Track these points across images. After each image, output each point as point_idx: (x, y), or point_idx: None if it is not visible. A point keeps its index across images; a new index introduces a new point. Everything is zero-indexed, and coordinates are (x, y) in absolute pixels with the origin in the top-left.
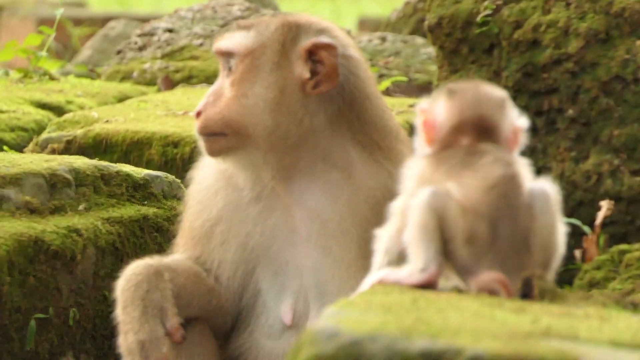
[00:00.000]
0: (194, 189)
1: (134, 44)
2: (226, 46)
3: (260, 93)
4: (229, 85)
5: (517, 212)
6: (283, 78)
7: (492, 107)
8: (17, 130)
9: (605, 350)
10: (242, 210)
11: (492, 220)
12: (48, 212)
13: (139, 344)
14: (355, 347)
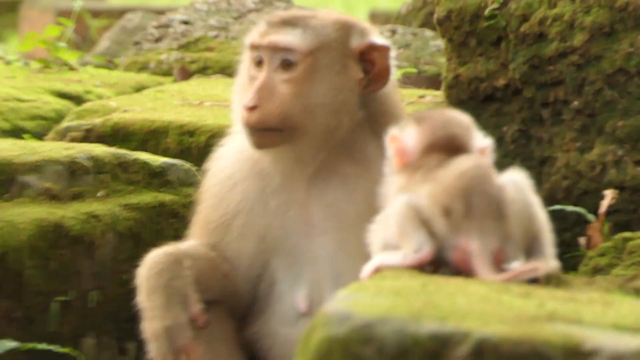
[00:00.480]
0: (211, 180)
1: (151, 36)
2: (286, 42)
3: (323, 93)
4: (285, 82)
5: (489, 187)
6: (343, 79)
7: (461, 128)
8: (38, 119)
9: (609, 334)
10: (262, 203)
11: (465, 197)
12: (68, 198)
13: (165, 330)
14: (367, 329)
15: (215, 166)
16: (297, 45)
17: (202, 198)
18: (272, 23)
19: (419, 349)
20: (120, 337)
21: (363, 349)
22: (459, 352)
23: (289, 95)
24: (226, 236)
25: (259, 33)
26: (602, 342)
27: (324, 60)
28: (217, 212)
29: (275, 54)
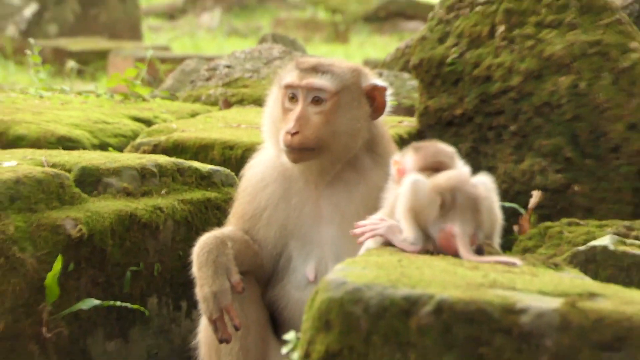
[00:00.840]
0: (246, 182)
1: (203, 76)
2: (320, 85)
3: (345, 122)
4: (317, 114)
5: (468, 187)
6: (358, 111)
7: (447, 157)
8: (119, 136)
9: (535, 297)
10: (285, 200)
11: (452, 192)
12: (139, 194)
13: (213, 294)
14: (357, 292)
15: (249, 172)
16: (328, 87)
17: (239, 196)
18: (306, 69)
19: (395, 308)
20: (175, 298)
21: (354, 307)
22: (425, 310)
23: (321, 123)
24: (257, 224)
25: (296, 76)
26: (530, 303)
27: (345, 97)
28: (251, 206)
29: (309, 92)
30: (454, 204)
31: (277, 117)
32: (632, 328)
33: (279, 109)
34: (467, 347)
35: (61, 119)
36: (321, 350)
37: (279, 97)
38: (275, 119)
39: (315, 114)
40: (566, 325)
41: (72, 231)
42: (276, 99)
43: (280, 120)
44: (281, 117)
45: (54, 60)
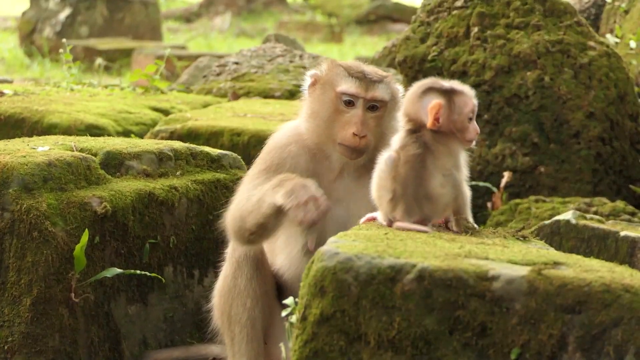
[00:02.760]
0: (273, 146)
1: (214, 72)
2: (380, 97)
3: (392, 126)
4: (372, 119)
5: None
6: (397, 113)
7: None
8: (140, 124)
9: (506, 265)
10: (306, 174)
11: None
12: (157, 176)
13: (302, 185)
14: (348, 262)
15: (278, 140)
16: (386, 98)
17: (265, 155)
18: (365, 79)
19: (381, 275)
20: (189, 267)
21: (345, 275)
22: (408, 277)
23: (375, 127)
24: (273, 176)
25: (358, 86)
26: (501, 271)
27: (392, 104)
28: (274, 163)
29: (369, 102)
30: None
31: (328, 116)
32: (591, 293)
33: (329, 109)
34: (445, 310)
35: (89, 109)
36: (316, 313)
37: (328, 97)
38: (325, 117)
39: (371, 119)
40: (533, 290)
41: (98, 208)
42: (322, 97)
43: (332, 120)
44: (333, 117)
45: (85, 58)
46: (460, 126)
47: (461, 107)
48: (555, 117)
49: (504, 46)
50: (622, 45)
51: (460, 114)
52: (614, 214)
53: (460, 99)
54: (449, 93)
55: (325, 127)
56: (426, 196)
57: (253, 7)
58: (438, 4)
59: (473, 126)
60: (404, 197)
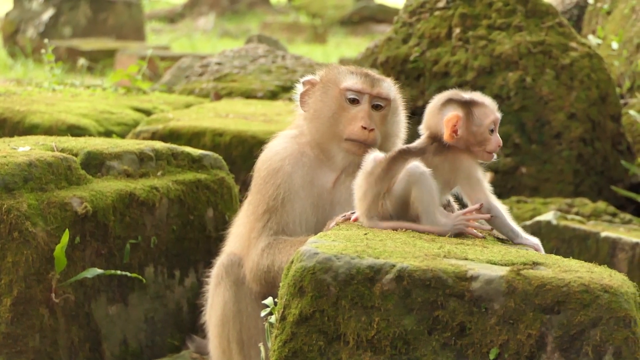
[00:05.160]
0: (263, 165)
1: (196, 72)
2: (386, 94)
3: (395, 126)
4: (380, 117)
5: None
6: (401, 116)
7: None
8: (122, 125)
9: (485, 266)
10: (308, 187)
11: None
12: (138, 176)
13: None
14: (327, 262)
15: (273, 157)
16: (390, 95)
17: (262, 181)
18: (370, 77)
19: (360, 275)
20: (170, 267)
21: (324, 275)
22: (387, 277)
23: (380, 124)
24: (280, 209)
25: (363, 83)
26: (480, 271)
27: (394, 105)
28: (275, 192)
29: (374, 99)
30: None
31: (332, 113)
32: (570, 293)
33: (335, 107)
34: (424, 310)
35: (71, 110)
36: (296, 313)
37: (331, 96)
38: (329, 115)
39: (376, 116)
40: (512, 290)
41: (78, 208)
42: (324, 96)
43: (336, 117)
44: (337, 115)
45: (68, 59)
46: (481, 138)
47: (481, 119)
48: (536, 118)
49: (485, 47)
50: (604, 47)
51: (480, 126)
52: (595, 214)
53: (480, 110)
54: (468, 105)
55: (329, 125)
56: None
57: (237, 8)
58: (420, 4)
59: (495, 138)
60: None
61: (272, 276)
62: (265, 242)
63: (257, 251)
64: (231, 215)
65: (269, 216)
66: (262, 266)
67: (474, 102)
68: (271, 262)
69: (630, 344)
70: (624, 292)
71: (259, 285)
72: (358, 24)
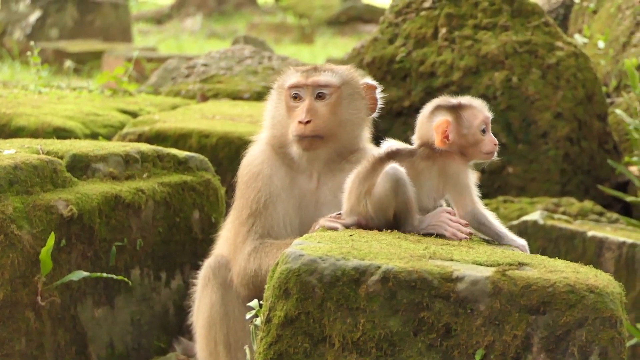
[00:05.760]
0: (244, 170)
1: (183, 74)
2: (325, 81)
3: (350, 113)
4: (327, 106)
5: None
6: (359, 103)
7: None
8: (108, 127)
9: (470, 266)
10: (289, 190)
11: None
12: (124, 178)
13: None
14: (312, 263)
15: (250, 164)
16: (331, 82)
17: (243, 188)
18: (308, 70)
19: (346, 277)
20: (156, 269)
21: (309, 277)
22: (372, 278)
23: (328, 113)
24: (263, 214)
25: (300, 77)
26: (465, 272)
27: (346, 91)
28: (257, 197)
29: (315, 89)
30: None
31: (282, 116)
32: (555, 293)
33: (283, 109)
34: (410, 312)
35: (57, 112)
36: (281, 315)
37: (282, 98)
38: (279, 118)
39: (321, 106)
40: (497, 291)
41: (64, 211)
42: (278, 101)
43: (285, 118)
44: (286, 115)
45: (55, 60)
46: (473, 140)
47: (470, 121)
48: (523, 118)
49: (471, 47)
50: (591, 46)
51: (470, 127)
52: (582, 214)
53: (469, 112)
54: (456, 108)
55: (281, 128)
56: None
57: (224, 9)
58: (406, 5)
59: (489, 138)
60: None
61: (260, 280)
62: (252, 246)
63: (243, 256)
64: (217, 217)
65: (254, 220)
66: (250, 270)
67: (461, 106)
68: (258, 266)
69: (616, 344)
70: (609, 292)
71: (247, 289)
72: (345, 24)
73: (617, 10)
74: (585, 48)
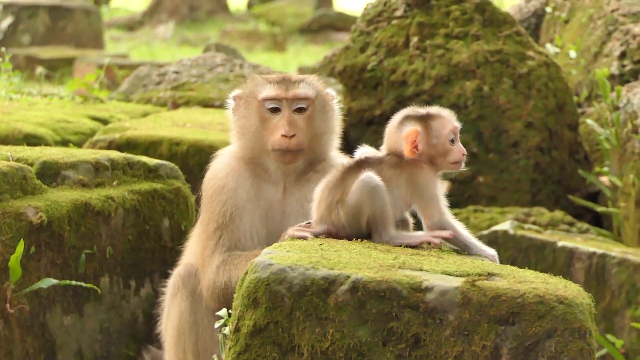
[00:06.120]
0: (209, 184)
1: (154, 81)
2: (304, 94)
3: (324, 124)
4: (305, 119)
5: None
6: (331, 114)
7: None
8: (79, 134)
9: (440, 276)
10: (255, 201)
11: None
12: (94, 185)
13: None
14: (281, 273)
15: (216, 176)
16: (309, 95)
17: (209, 200)
18: (284, 82)
19: (315, 286)
20: (125, 277)
21: (278, 286)
22: (342, 288)
23: (306, 127)
24: (230, 226)
25: (277, 89)
26: (435, 282)
27: (319, 102)
28: (223, 209)
29: (294, 102)
30: None
31: (254, 127)
32: (525, 304)
33: (255, 121)
34: (379, 322)
35: (28, 119)
36: (250, 325)
37: (252, 109)
38: (252, 129)
39: (300, 119)
40: (466, 301)
41: (34, 218)
42: (247, 111)
43: (259, 130)
44: (260, 127)
45: (27, 67)
46: (442, 149)
47: (439, 130)
48: (494, 127)
49: (443, 56)
50: (562, 55)
51: (439, 137)
52: (552, 224)
53: (437, 122)
54: (425, 118)
55: (256, 139)
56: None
57: (196, 16)
58: (378, 13)
59: (457, 147)
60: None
61: (230, 292)
62: (220, 259)
63: (212, 269)
64: (187, 225)
65: (220, 233)
66: (219, 283)
67: (430, 116)
68: (228, 278)
69: (585, 355)
70: (579, 303)
71: (217, 302)
72: (317, 32)
73: (589, 20)
74: (556, 58)
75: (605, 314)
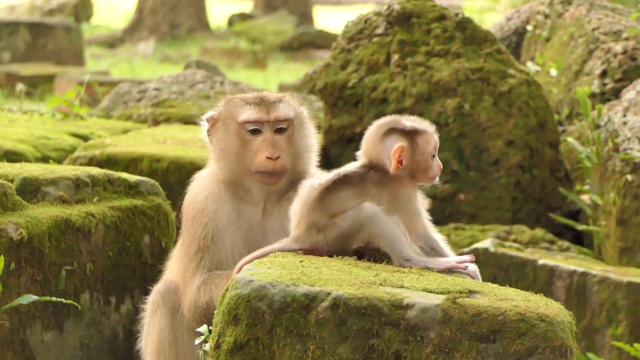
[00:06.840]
0: (189, 207)
1: (134, 98)
2: (285, 116)
3: (304, 144)
4: (286, 139)
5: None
6: (309, 131)
7: None
8: (59, 150)
9: (421, 294)
10: (236, 222)
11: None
12: (74, 202)
13: None
14: (262, 289)
15: (196, 198)
16: (290, 115)
17: (189, 223)
18: (263, 103)
19: (296, 303)
20: (106, 293)
21: (259, 302)
22: (322, 305)
23: (288, 146)
24: (211, 248)
25: (258, 111)
26: (416, 299)
27: (298, 122)
28: (204, 232)
29: (275, 124)
30: None
31: (235, 149)
32: (505, 322)
33: (238, 143)
34: (360, 339)
35: (8, 135)
36: (230, 341)
37: (231, 131)
38: (232, 151)
39: (281, 140)
40: (447, 319)
41: (14, 234)
42: (226, 133)
43: (240, 152)
44: (242, 149)
45: (7, 84)
46: (425, 165)
47: (424, 147)
48: (475, 145)
49: (424, 73)
50: (543, 73)
51: (424, 154)
52: (533, 242)
53: (423, 138)
54: (411, 134)
55: (237, 162)
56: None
57: (177, 33)
58: (358, 31)
59: (436, 162)
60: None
61: (212, 312)
62: (201, 279)
63: (193, 289)
64: (168, 241)
65: (202, 255)
66: (201, 303)
67: (416, 131)
68: (209, 298)
69: None
70: (560, 321)
71: (199, 322)
72: (298, 49)
73: (570, 39)
74: (537, 76)
75: (586, 332)
